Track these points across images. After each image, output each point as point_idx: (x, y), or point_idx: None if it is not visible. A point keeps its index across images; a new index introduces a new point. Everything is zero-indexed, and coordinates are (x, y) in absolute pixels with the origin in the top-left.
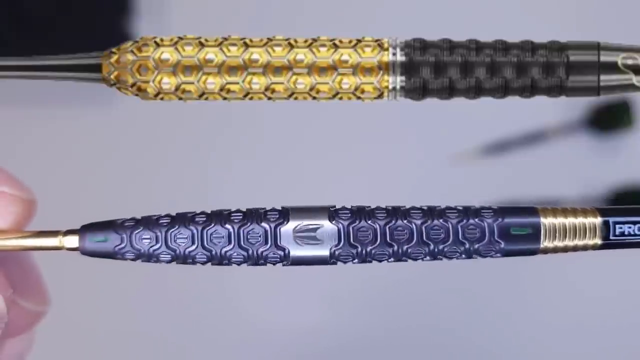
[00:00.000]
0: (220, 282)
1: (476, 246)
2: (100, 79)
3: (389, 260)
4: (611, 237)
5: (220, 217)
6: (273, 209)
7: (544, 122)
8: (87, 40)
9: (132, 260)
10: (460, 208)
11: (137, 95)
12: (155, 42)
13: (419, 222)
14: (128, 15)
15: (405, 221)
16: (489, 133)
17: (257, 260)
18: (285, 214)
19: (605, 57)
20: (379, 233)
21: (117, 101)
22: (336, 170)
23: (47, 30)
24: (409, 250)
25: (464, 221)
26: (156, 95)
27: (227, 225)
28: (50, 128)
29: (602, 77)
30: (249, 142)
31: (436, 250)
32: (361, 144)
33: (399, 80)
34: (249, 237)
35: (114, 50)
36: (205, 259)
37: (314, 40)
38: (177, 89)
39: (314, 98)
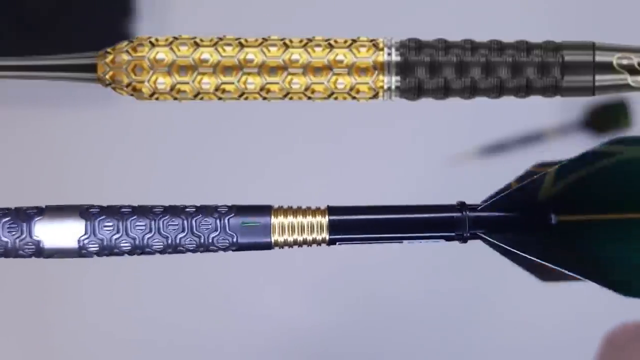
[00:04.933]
0: (211, 279)
1: (211, 238)
2: (95, 79)
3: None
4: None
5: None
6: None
7: (542, 123)
8: (87, 40)
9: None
10: (199, 205)
11: (132, 95)
12: (151, 42)
13: (158, 218)
14: (128, 15)
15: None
16: (488, 133)
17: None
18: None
19: (600, 57)
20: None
21: (113, 101)
22: (334, 170)
23: (47, 30)
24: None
25: (200, 216)
26: (151, 95)
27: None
28: (48, 128)
29: (597, 77)
30: (244, 142)
31: (178, 242)
32: (360, 145)
33: (394, 80)
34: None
35: (109, 50)
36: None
37: (309, 40)
38: (172, 89)
39: (309, 98)
